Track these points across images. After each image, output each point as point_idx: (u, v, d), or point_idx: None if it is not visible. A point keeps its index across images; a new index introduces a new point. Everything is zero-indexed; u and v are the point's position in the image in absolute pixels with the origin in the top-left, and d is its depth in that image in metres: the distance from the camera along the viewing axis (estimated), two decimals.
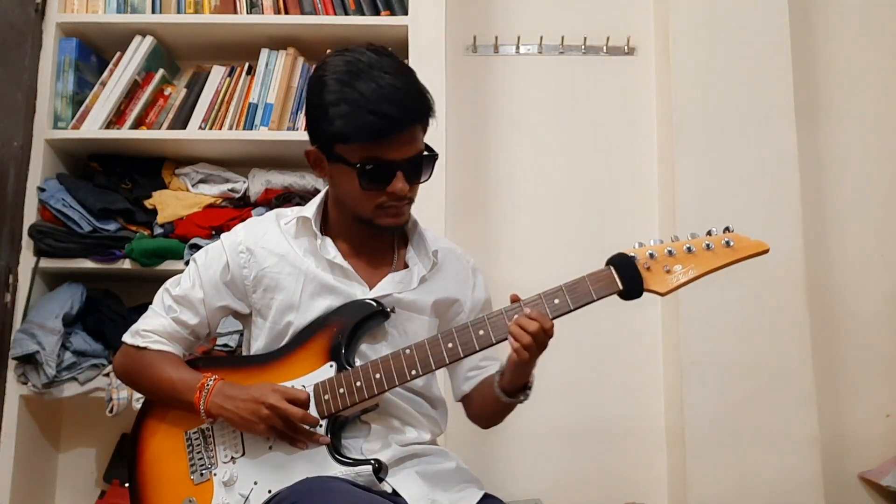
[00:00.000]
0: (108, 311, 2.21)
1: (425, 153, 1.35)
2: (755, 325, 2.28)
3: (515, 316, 1.27)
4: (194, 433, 1.39)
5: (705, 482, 2.23)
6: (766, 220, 2.33)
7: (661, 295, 1.28)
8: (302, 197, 2.25)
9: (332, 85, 1.30)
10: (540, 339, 1.26)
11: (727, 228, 1.30)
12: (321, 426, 1.32)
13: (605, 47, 2.59)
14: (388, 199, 1.33)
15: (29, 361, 2.09)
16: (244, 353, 1.49)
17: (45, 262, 2.18)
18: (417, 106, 1.31)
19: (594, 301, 1.28)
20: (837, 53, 2.64)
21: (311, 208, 1.43)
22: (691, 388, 2.27)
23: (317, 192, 2.23)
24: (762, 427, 2.25)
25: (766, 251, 1.29)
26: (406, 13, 2.28)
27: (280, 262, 1.40)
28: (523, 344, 1.25)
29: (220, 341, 2.09)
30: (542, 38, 2.59)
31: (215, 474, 1.35)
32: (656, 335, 2.46)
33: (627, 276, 1.27)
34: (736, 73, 2.41)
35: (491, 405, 1.45)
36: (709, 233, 1.30)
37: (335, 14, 2.31)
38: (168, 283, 1.46)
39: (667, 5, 2.46)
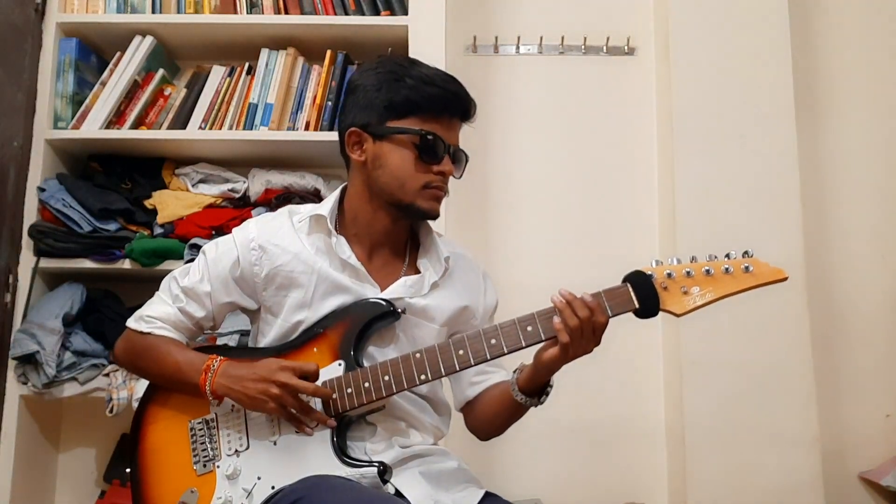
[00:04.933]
0: (108, 311, 2.21)
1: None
2: (755, 325, 2.28)
3: (555, 318, 1.27)
4: (198, 423, 1.38)
5: (705, 482, 2.23)
6: (767, 220, 2.33)
7: (678, 316, 1.28)
8: (302, 197, 2.25)
9: (389, 66, 1.39)
10: (585, 330, 1.25)
11: (746, 253, 1.29)
12: (333, 397, 1.32)
13: (605, 47, 2.59)
14: (435, 179, 1.37)
15: (29, 361, 2.09)
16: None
17: (45, 262, 2.18)
18: (468, 96, 1.41)
19: (609, 318, 1.27)
20: (837, 53, 2.64)
21: (326, 206, 1.43)
22: (691, 388, 2.27)
23: (316, 191, 2.26)
24: (762, 427, 2.25)
25: (785, 279, 1.28)
26: (406, 13, 2.28)
27: (293, 259, 1.40)
28: (569, 325, 1.24)
29: (219, 341, 2.09)
30: (542, 38, 2.59)
31: (218, 466, 1.35)
32: (656, 335, 2.46)
33: (644, 295, 1.27)
34: (736, 73, 2.41)
35: (500, 409, 1.43)
36: (728, 255, 1.29)
37: (335, 14, 2.31)
38: (177, 272, 1.46)
39: (667, 5, 2.46)
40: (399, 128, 1.36)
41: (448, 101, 1.37)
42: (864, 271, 2.54)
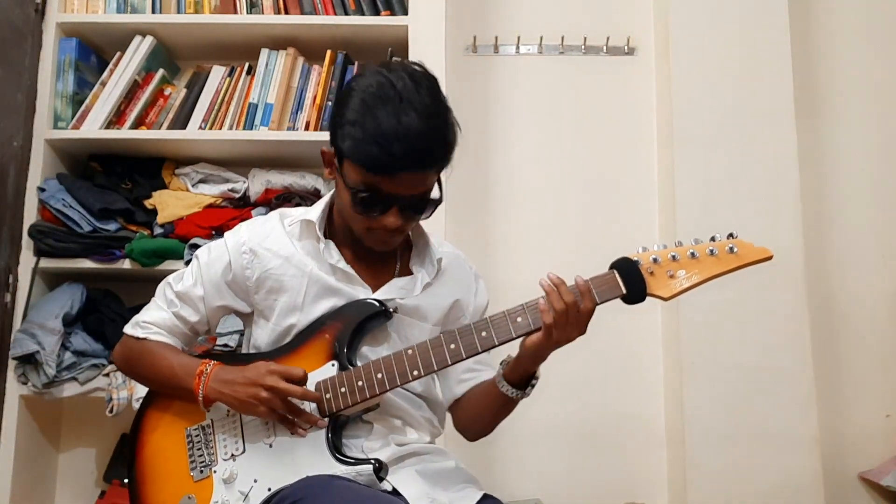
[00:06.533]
0: (108, 311, 2.21)
1: (429, 196, 1.32)
2: (755, 325, 2.28)
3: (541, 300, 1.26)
4: (195, 430, 1.39)
5: (705, 482, 2.23)
6: (766, 219, 2.33)
7: (665, 300, 1.28)
8: (302, 197, 2.26)
9: (356, 104, 1.28)
10: (571, 314, 1.24)
11: (731, 234, 1.29)
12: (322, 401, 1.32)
13: (605, 47, 2.60)
14: (376, 228, 1.33)
15: (29, 361, 2.09)
16: (244, 351, 1.49)
17: (45, 262, 2.18)
18: (429, 152, 1.26)
19: (598, 304, 1.28)
20: (837, 53, 2.64)
21: (315, 211, 1.42)
22: (691, 388, 2.27)
23: (316, 191, 2.26)
24: (762, 427, 2.25)
25: (770, 258, 1.28)
26: (406, 13, 2.28)
27: (284, 263, 1.40)
28: (555, 308, 1.24)
29: (220, 341, 2.09)
30: (542, 38, 2.59)
31: (215, 471, 1.35)
32: (656, 335, 2.46)
33: (631, 281, 1.27)
34: (736, 73, 2.41)
35: (487, 404, 1.44)
36: (713, 238, 1.29)
37: (335, 14, 2.31)
38: (171, 278, 1.47)
39: (667, 5, 2.46)
40: (344, 172, 1.30)
41: (386, 163, 1.23)
42: (864, 271, 2.54)
